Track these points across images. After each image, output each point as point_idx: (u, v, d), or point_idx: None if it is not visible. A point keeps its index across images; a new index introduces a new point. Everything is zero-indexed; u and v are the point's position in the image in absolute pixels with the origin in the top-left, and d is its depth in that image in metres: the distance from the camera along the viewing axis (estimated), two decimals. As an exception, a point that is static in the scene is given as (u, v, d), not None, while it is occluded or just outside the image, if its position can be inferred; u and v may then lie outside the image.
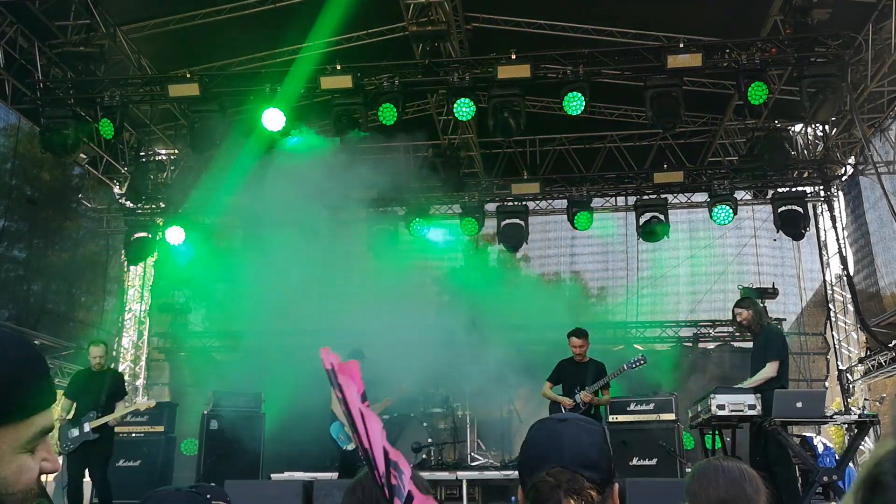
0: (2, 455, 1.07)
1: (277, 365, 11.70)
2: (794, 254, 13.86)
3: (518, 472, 1.72)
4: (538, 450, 1.67)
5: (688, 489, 2.57)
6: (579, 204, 12.29)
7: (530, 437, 1.71)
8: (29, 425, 1.11)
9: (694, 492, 2.52)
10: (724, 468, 2.54)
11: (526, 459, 1.68)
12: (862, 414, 6.99)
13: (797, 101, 9.61)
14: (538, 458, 1.64)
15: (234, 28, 10.27)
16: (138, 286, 14.57)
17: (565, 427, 1.69)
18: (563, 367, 8.71)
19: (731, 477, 2.50)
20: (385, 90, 9.69)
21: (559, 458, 1.61)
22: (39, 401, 1.14)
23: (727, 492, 2.46)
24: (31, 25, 9.91)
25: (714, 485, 2.48)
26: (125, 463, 9.75)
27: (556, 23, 10.47)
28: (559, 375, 8.69)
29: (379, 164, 11.51)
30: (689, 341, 13.64)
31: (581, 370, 8.53)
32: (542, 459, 1.62)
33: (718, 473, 2.52)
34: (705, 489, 2.49)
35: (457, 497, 8.80)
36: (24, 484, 1.10)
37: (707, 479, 2.52)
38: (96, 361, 8.12)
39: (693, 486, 2.54)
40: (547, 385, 8.75)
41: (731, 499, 2.46)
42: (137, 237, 12.61)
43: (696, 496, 2.51)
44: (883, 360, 11.18)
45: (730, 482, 2.48)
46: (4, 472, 1.07)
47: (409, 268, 14.64)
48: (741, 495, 2.46)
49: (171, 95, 9.80)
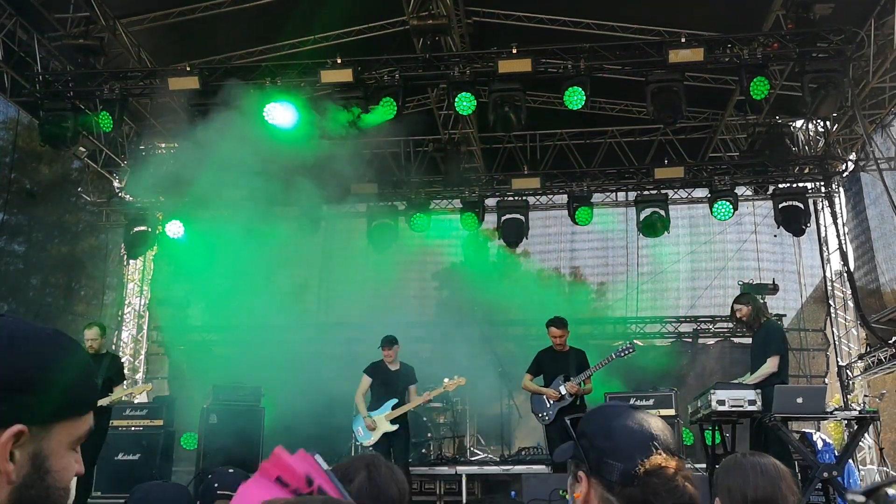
0: (59, 449, 1.12)
1: (277, 359, 11.68)
2: (794, 250, 13.86)
3: (594, 459, 1.58)
4: (632, 435, 1.57)
5: (721, 483, 2.51)
6: (580, 199, 12.28)
7: (611, 422, 1.61)
8: (83, 423, 1.16)
9: (728, 488, 2.47)
10: (762, 466, 2.49)
11: (614, 446, 1.56)
12: (862, 410, 6.98)
13: (798, 96, 9.59)
14: (635, 443, 1.54)
15: (234, 21, 10.25)
16: (138, 280, 14.56)
17: (643, 413, 1.62)
18: (543, 357, 8.47)
19: (769, 476, 2.46)
20: (386, 84, 9.67)
21: (662, 444, 1.53)
22: (93, 399, 1.23)
23: (764, 491, 2.42)
24: (31, 18, 9.87)
25: (752, 484, 2.43)
26: (124, 457, 9.74)
27: (557, 17, 10.44)
28: (539, 366, 8.45)
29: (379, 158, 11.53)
30: (689, 337, 13.64)
31: (562, 359, 8.31)
32: (641, 445, 1.53)
33: (756, 471, 2.47)
34: (741, 487, 2.44)
35: (456, 492, 8.81)
36: (67, 482, 1.14)
37: (744, 477, 2.46)
38: (89, 345, 7.94)
39: (728, 482, 2.49)
40: (527, 377, 8.46)
41: (768, 498, 2.42)
42: (137, 231, 12.60)
43: (732, 492, 2.46)
44: (883, 357, 11.18)
45: (767, 482, 2.44)
46: (57, 467, 1.11)
47: (408, 262, 14.65)
48: (777, 494, 2.42)
49: (170, 89, 9.78)
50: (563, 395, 8.11)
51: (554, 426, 8.09)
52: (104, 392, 7.82)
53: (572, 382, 8.11)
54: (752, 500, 2.41)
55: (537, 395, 8.35)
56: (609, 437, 1.58)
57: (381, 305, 14.31)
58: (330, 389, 10.60)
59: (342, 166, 11.38)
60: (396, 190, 12.79)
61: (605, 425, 1.60)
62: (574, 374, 8.17)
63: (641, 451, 1.52)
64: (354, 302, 14.04)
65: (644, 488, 1.50)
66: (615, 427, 1.59)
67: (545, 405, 8.22)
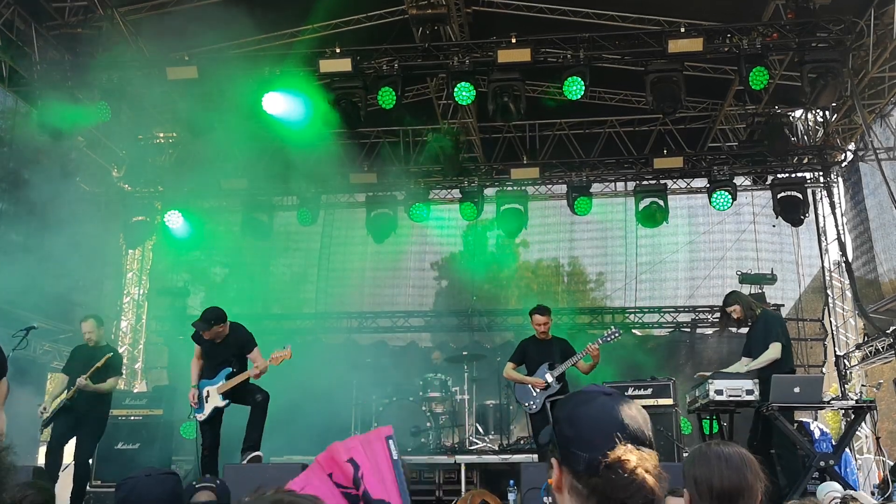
0: None
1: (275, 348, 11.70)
2: (792, 240, 13.87)
3: (562, 446, 1.59)
4: (596, 424, 1.56)
5: (688, 474, 2.54)
6: (579, 189, 12.28)
7: (578, 410, 1.59)
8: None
9: (695, 478, 2.50)
10: (726, 456, 2.51)
11: (578, 435, 1.56)
12: (859, 400, 7.01)
13: (798, 86, 9.59)
14: (598, 433, 1.54)
15: (232, 10, 10.20)
16: (137, 270, 14.56)
17: (615, 400, 1.60)
18: (527, 346, 8.43)
19: (734, 465, 2.49)
20: (385, 74, 9.65)
21: (626, 434, 1.52)
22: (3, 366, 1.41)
23: (730, 480, 2.45)
24: (29, 7, 9.83)
25: (717, 474, 2.46)
26: (124, 446, 9.79)
27: (557, 7, 10.40)
28: (523, 355, 8.41)
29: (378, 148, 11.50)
30: (688, 327, 13.67)
31: (545, 347, 8.27)
32: (605, 435, 1.52)
33: (721, 462, 2.49)
34: (707, 477, 2.47)
35: (455, 481, 8.83)
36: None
37: (709, 467, 2.49)
38: (87, 337, 7.96)
39: (694, 472, 2.52)
40: (510, 366, 8.44)
41: (734, 487, 2.44)
42: (136, 220, 12.60)
43: (699, 483, 2.49)
44: (880, 346, 11.21)
45: (732, 471, 2.47)
46: None
47: (407, 252, 14.67)
48: (743, 483, 2.45)
49: (169, 78, 9.76)
50: (550, 383, 8.08)
51: (541, 415, 8.07)
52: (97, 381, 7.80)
53: (558, 370, 8.06)
54: (718, 490, 2.44)
55: (522, 385, 8.32)
56: (574, 426, 1.58)
57: (379, 295, 14.35)
58: (329, 377, 10.63)
59: (341, 156, 11.39)
60: (396, 180, 12.77)
61: (572, 413, 1.60)
62: (559, 362, 8.12)
63: (605, 442, 1.51)
64: (353, 291, 14.08)
65: (605, 480, 1.50)
66: (581, 415, 1.58)
67: (531, 394, 8.19)
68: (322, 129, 10.22)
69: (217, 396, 7.49)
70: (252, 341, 7.67)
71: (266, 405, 7.51)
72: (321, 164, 11.40)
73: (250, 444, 7.38)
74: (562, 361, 8.13)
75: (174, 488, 3.34)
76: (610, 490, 1.50)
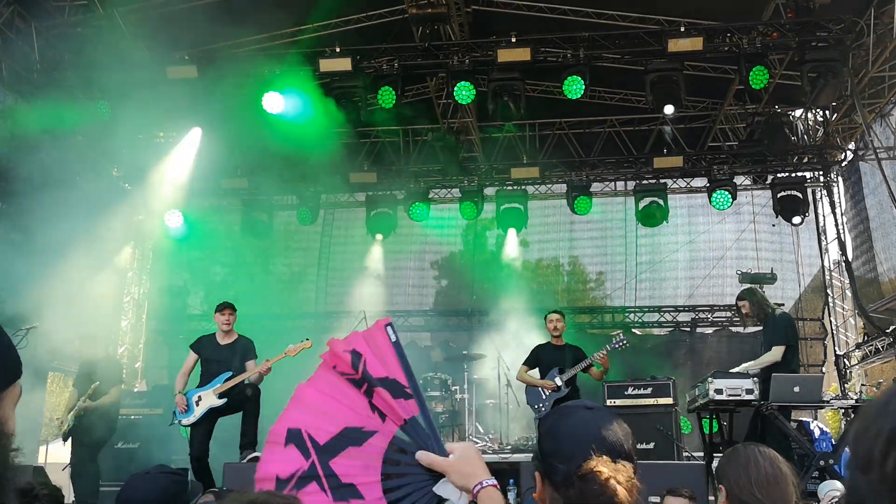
0: None
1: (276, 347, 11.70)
2: (792, 239, 13.87)
3: (543, 459, 1.64)
4: (574, 437, 1.59)
5: (724, 474, 2.53)
6: (579, 188, 12.28)
7: (558, 424, 1.64)
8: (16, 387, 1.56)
9: (732, 472, 2.48)
10: (760, 450, 2.51)
11: (557, 448, 1.61)
12: (858, 399, 7.01)
13: (798, 85, 9.59)
14: (576, 445, 1.57)
15: (232, 10, 10.20)
16: (136, 269, 14.55)
17: (595, 415, 1.63)
18: (541, 350, 8.65)
19: (768, 456, 2.48)
20: (384, 73, 9.65)
21: (603, 447, 1.55)
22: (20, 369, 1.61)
23: (766, 470, 2.44)
24: (28, 6, 9.82)
25: (755, 463, 2.45)
26: (124, 445, 9.80)
27: (557, 6, 10.39)
28: (536, 359, 8.60)
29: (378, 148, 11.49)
30: (688, 326, 13.68)
31: (559, 353, 8.48)
32: (581, 448, 1.56)
33: (756, 454, 2.48)
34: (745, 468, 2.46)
35: (454, 480, 8.84)
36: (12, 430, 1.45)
37: (746, 460, 2.48)
38: None
39: (730, 467, 2.51)
40: (523, 369, 8.64)
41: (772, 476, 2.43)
42: (137, 219, 12.60)
43: (737, 476, 2.47)
44: (880, 346, 11.20)
45: (768, 461, 2.46)
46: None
47: (407, 252, 14.67)
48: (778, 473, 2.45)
49: (169, 77, 9.76)
50: (560, 386, 8.28)
51: None
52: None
53: (567, 375, 8.24)
54: (756, 478, 2.44)
55: (533, 388, 8.51)
56: (554, 439, 1.63)
57: (380, 294, 14.34)
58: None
59: (341, 155, 11.38)
60: (395, 179, 12.77)
61: (552, 427, 1.65)
62: (569, 368, 8.31)
63: (582, 454, 1.55)
64: (353, 291, 14.07)
65: (579, 491, 1.54)
66: (560, 429, 1.63)
67: (541, 397, 8.38)
68: (322, 128, 10.22)
69: (213, 397, 7.57)
70: (255, 351, 7.93)
71: (258, 399, 7.66)
72: (321, 164, 11.39)
73: (248, 440, 7.44)
74: (572, 367, 8.29)
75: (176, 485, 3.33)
76: (583, 501, 1.53)
